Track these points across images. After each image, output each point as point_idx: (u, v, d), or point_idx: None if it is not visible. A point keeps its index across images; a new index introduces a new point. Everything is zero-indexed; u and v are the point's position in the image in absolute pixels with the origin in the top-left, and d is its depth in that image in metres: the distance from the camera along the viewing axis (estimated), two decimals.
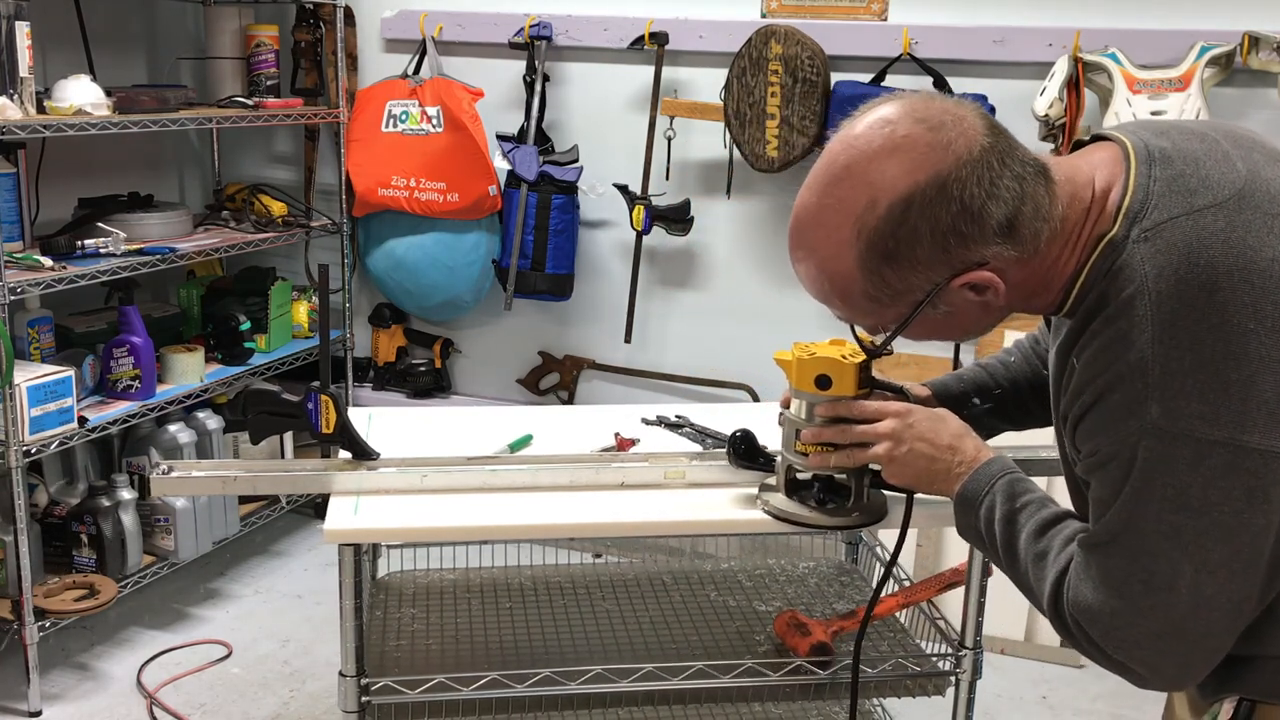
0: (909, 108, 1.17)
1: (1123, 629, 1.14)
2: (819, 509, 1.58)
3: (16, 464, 2.52)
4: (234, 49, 3.45)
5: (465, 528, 1.66)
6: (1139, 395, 1.09)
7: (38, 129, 2.61)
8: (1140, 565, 1.12)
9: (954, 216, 1.14)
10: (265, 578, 3.34)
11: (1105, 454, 1.13)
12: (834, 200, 1.18)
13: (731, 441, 1.66)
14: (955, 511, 1.38)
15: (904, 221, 1.14)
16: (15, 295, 2.52)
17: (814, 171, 1.21)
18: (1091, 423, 1.14)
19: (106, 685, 2.77)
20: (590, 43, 3.36)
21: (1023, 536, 1.27)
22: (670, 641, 1.94)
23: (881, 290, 1.20)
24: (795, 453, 1.55)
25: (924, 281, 1.18)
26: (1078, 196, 1.18)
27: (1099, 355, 1.13)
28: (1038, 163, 1.18)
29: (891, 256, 1.16)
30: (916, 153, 1.14)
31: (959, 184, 1.13)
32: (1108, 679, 2.93)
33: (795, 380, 1.53)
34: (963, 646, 1.82)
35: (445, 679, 1.69)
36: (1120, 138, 1.21)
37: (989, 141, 1.15)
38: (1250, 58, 2.70)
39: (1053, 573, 1.21)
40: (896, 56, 3.03)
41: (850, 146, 1.17)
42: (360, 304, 3.78)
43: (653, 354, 3.52)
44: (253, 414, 1.74)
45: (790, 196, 3.64)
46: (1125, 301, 1.11)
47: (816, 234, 1.20)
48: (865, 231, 1.16)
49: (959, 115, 1.16)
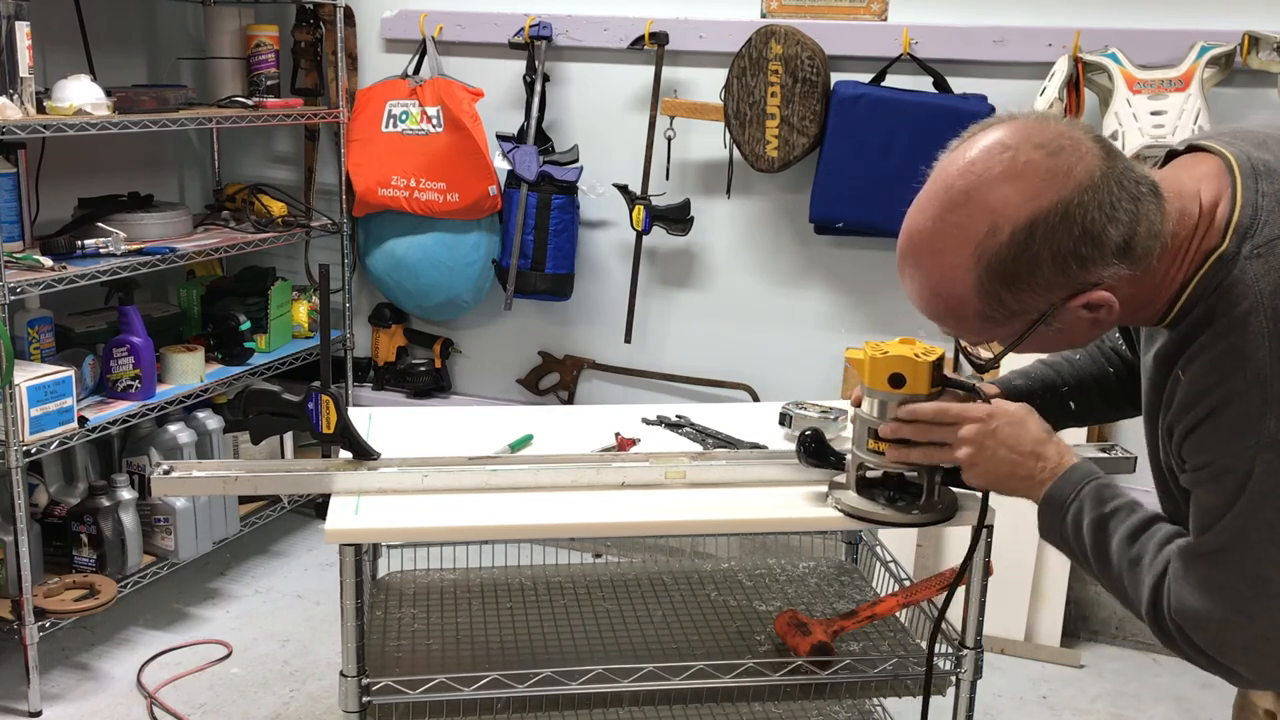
0: (1026, 132, 1.18)
1: (1230, 634, 1.17)
2: (890, 506, 1.58)
3: (16, 464, 2.52)
4: (234, 49, 3.45)
5: (465, 528, 1.66)
6: (1257, 410, 1.12)
7: (38, 129, 2.61)
8: (1250, 573, 1.15)
9: (1076, 241, 1.15)
10: (265, 578, 3.34)
11: (1219, 467, 1.15)
12: (952, 225, 1.18)
13: (802, 440, 1.66)
14: (1039, 514, 1.39)
15: (1027, 248, 1.15)
16: (15, 295, 2.52)
17: (928, 194, 1.22)
18: (1203, 436, 1.17)
19: (106, 685, 2.78)
20: (590, 43, 3.36)
21: (1115, 541, 1.28)
22: (670, 641, 1.94)
23: (997, 311, 1.21)
24: (867, 450, 1.56)
25: (1041, 303, 1.20)
26: (1186, 212, 1.20)
27: (1210, 369, 1.15)
28: (1149, 180, 1.19)
29: (1011, 281, 1.18)
30: (1038, 179, 1.15)
31: (1081, 209, 1.14)
32: (1107, 679, 2.94)
33: (868, 379, 1.54)
34: (963, 646, 1.82)
35: (446, 679, 1.69)
36: (1221, 150, 1.22)
37: (1106, 165, 1.16)
38: (1250, 58, 2.70)
39: (1149, 578, 1.23)
40: (896, 56, 3.03)
41: (968, 171, 1.18)
42: (360, 304, 3.78)
43: (652, 354, 3.52)
44: (253, 414, 1.74)
45: (790, 196, 3.64)
46: (1239, 317, 1.13)
47: (933, 257, 1.21)
48: (986, 256, 1.17)
49: (1075, 139, 1.17)
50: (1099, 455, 1.85)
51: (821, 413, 1.99)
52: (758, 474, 1.77)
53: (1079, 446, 1.89)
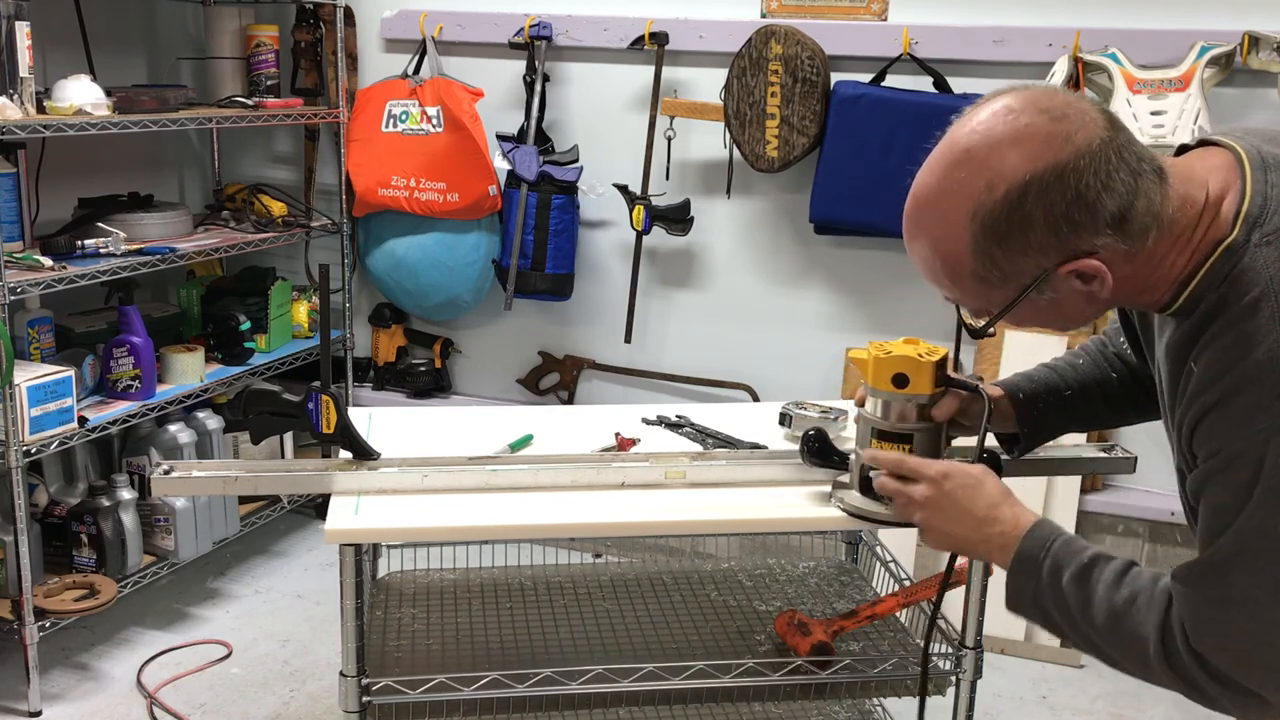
0: (1033, 98, 1.20)
1: (1258, 652, 1.13)
2: (893, 506, 1.58)
3: (16, 464, 2.52)
4: (234, 49, 3.45)
5: (466, 527, 1.66)
6: (1269, 394, 1.10)
7: (38, 129, 2.61)
8: (1269, 574, 1.11)
9: (1068, 204, 1.16)
10: (265, 578, 3.34)
11: (1229, 454, 1.13)
12: (953, 183, 1.20)
13: (805, 439, 1.66)
14: (1009, 579, 1.33)
15: (1019, 206, 1.17)
16: (15, 295, 2.52)
17: (934, 154, 1.24)
18: (1213, 423, 1.15)
19: (106, 685, 2.77)
20: (590, 43, 3.36)
21: (1101, 588, 1.24)
22: (670, 641, 1.94)
23: (990, 271, 1.22)
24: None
25: (1033, 266, 1.20)
26: (1190, 199, 1.20)
27: (1221, 356, 1.14)
28: (1154, 161, 1.20)
29: (1004, 239, 1.19)
30: (1038, 141, 1.16)
31: (1076, 174, 1.15)
32: (1107, 679, 2.93)
33: (871, 379, 1.54)
34: (963, 646, 1.82)
35: (446, 679, 1.69)
36: (1231, 144, 1.23)
37: (1108, 135, 1.17)
38: (1250, 58, 2.70)
39: (1153, 615, 1.19)
40: (896, 56, 3.03)
41: (973, 132, 1.21)
42: (360, 304, 3.78)
43: (653, 354, 3.52)
44: (253, 414, 1.74)
45: (790, 196, 3.63)
46: (1250, 305, 1.13)
47: (933, 214, 1.23)
48: (980, 213, 1.18)
49: (1081, 109, 1.18)
50: (1099, 455, 1.85)
51: (821, 413, 1.99)
52: (758, 474, 1.77)
53: (1079, 446, 1.89)
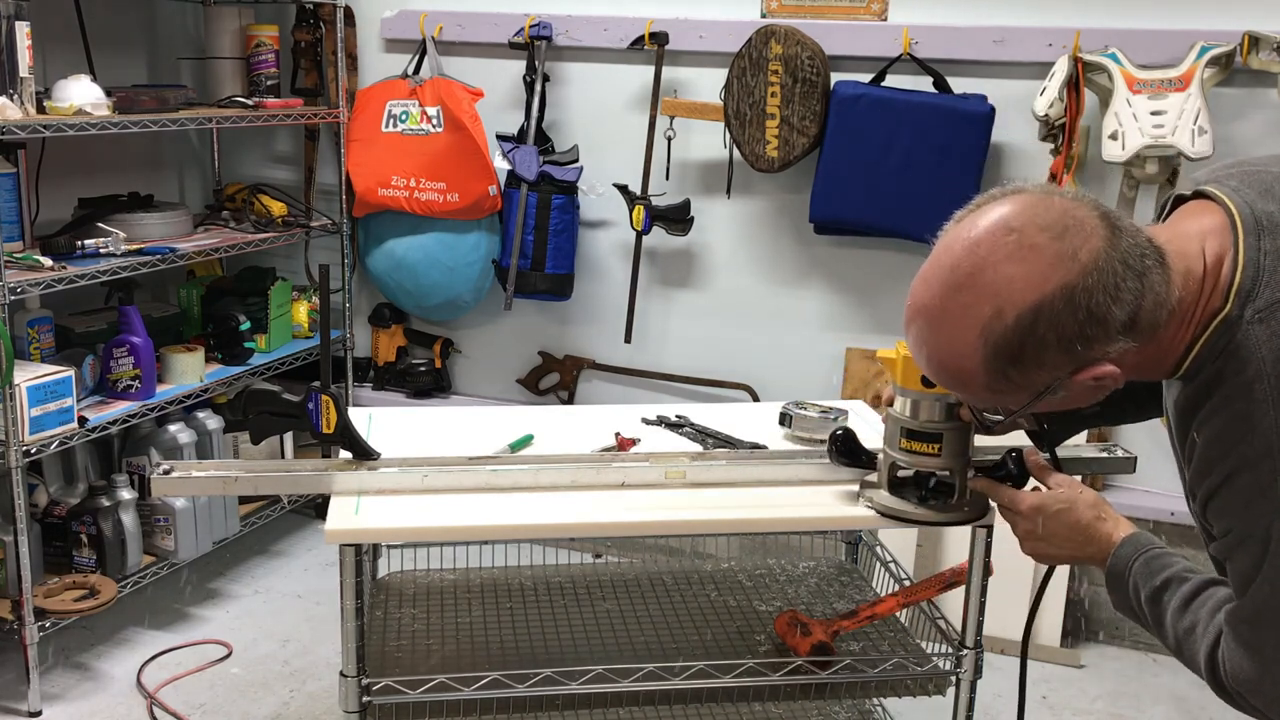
0: (1031, 214, 1.18)
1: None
2: (922, 505, 1.58)
3: (16, 464, 2.52)
4: (234, 49, 3.45)
5: (466, 528, 1.66)
6: (1268, 477, 1.15)
7: (38, 129, 2.61)
8: None
9: (1080, 324, 1.16)
10: (265, 578, 3.34)
11: (1240, 533, 1.20)
12: (958, 306, 1.19)
13: (833, 439, 1.67)
14: (1107, 590, 1.44)
15: (1032, 331, 1.17)
16: (15, 295, 2.51)
17: (933, 269, 1.23)
18: (1222, 502, 1.21)
19: (106, 685, 2.77)
20: (590, 43, 3.36)
21: (1169, 614, 1.33)
22: (670, 641, 1.95)
23: (1003, 385, 1.23)
24: (900, 450, 1.56)
25: (1048, 378, 1.22)
26: (1191, 273, 1.21)
27: (1222, 435, 1.18)
28: (1153, 248, 1.19)
29: (1017, 360, 1.19)
30: (1044, 263, 1.15)
31: (1086, 293, 1.15)
32: (1107, 679, 2.94)
33: (900, 379, 1.55)
34: (963, 646, 1.82)
35: (446, 679, 1.69)
36: (1224, 200, 1.23)
37: (1110, 243, 1.16)
38: (1250, 58, 2.70)
39: (1204, 646, 1.27)
40: (896, 56, 3.03)
41: (973, 252, 1.18)
42: (360, 304, 3.78)
43: (653, 354, 3.52)
44: (253, 414, 1.74)
45: (790, 196, 3.62)
46: (1244, 385, 1.16)
47: (939, 334, 1.23)
48: (992, 339, 1.18)
49: (1080, 219, 1.17)
50: (1099, 455, 1.86)
51: (822, 413, 1.99)
52: (758, 474, 1.77)
53: (1079, 446, 1.89)
